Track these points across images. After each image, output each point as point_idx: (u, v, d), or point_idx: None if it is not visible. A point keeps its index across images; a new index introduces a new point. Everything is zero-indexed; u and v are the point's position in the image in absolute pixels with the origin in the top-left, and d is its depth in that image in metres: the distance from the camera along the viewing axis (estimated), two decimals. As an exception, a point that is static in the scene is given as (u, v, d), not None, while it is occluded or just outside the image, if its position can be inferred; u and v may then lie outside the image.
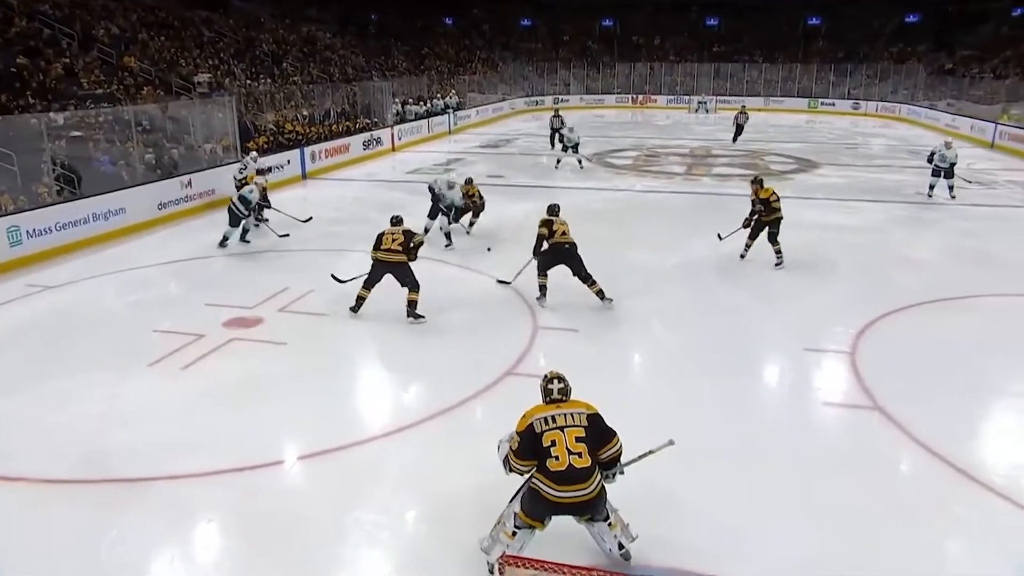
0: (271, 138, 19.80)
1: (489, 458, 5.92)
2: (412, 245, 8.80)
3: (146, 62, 21.34)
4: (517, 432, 4.43)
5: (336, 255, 11.27)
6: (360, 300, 8.95)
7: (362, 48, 35.27)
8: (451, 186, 12.41)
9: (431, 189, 12.43)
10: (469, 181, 13.08)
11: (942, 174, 16.16)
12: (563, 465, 4.25)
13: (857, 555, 4.89)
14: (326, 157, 19.63)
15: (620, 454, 4.50)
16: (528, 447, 4.35)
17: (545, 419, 4.38)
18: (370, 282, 8.87)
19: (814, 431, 6.61)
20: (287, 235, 12.21)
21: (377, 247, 8.77)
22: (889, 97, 38.03)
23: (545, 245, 9.21)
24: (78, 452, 6.06)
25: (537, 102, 39.62)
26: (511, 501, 4.64)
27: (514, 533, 4.47)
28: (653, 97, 41.69)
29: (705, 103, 39.03)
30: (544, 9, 47.23)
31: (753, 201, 11.10)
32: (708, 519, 5.08)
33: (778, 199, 10.97)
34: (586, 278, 9.10)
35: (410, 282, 8.81)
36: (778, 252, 11.01)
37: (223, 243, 12.00)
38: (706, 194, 17.16)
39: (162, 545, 4.99)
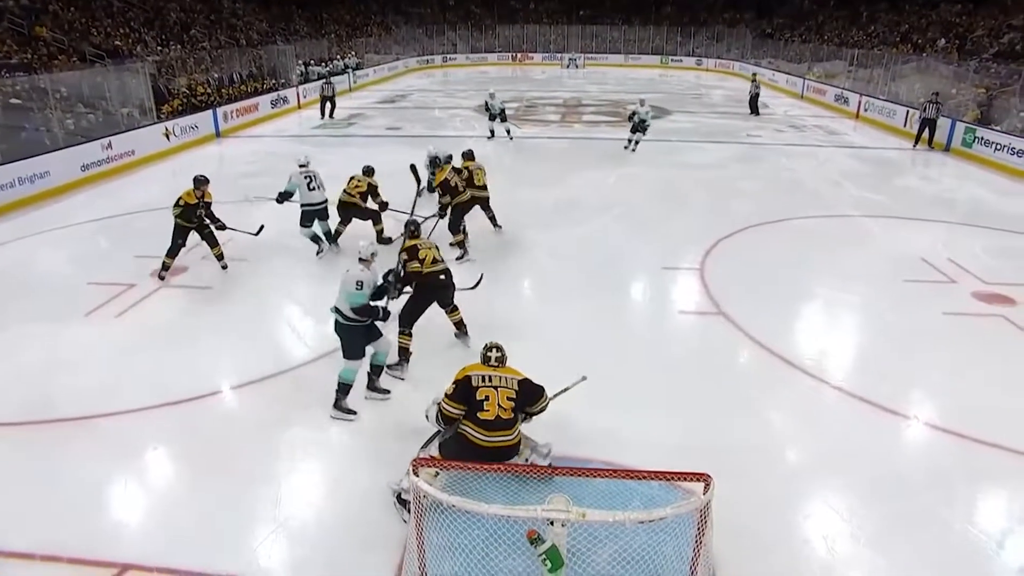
0: (185, 101, 18.50)
1: (404, 380, 5.91)
2: (377, 200, 8.94)
3: (58, 32, 19.38)
4: (454, 380, 4.41)
5: (251, 205, 10.76)
6: (337, 234, 9.08)
7: (265, 15, 33.13)
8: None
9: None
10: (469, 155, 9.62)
11: (639, 130, 15.29)
12: (492, 416, 4.29)
13: (714, 436, 5.23)
14: (237, 116, 18.52)
15: (548, 403, 4.55)
16: (462, 395, 4.34)
17: (482, 376, 4.39)
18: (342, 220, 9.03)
19: (672, 336, 6.92)
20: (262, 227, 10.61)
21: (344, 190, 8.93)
22: (725, 55, 38.88)
23: (468, 195, 8.74)
24: (22, 397, 5.69)
25: (428, 60, 38.46)
26: (424, 447, 4.59)
27: (437, 474, 4.36)
28: (530, 55, 41.10)
29: (575, 59, 38.81)
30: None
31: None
32: (589, 420, 5.20)
33: None
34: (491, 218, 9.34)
35: (372, 218, 9.01)
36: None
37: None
38: (578, 138, 17.30)
39: (113, 474, 4.80)
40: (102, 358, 6.36)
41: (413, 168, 9.33)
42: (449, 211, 8.67)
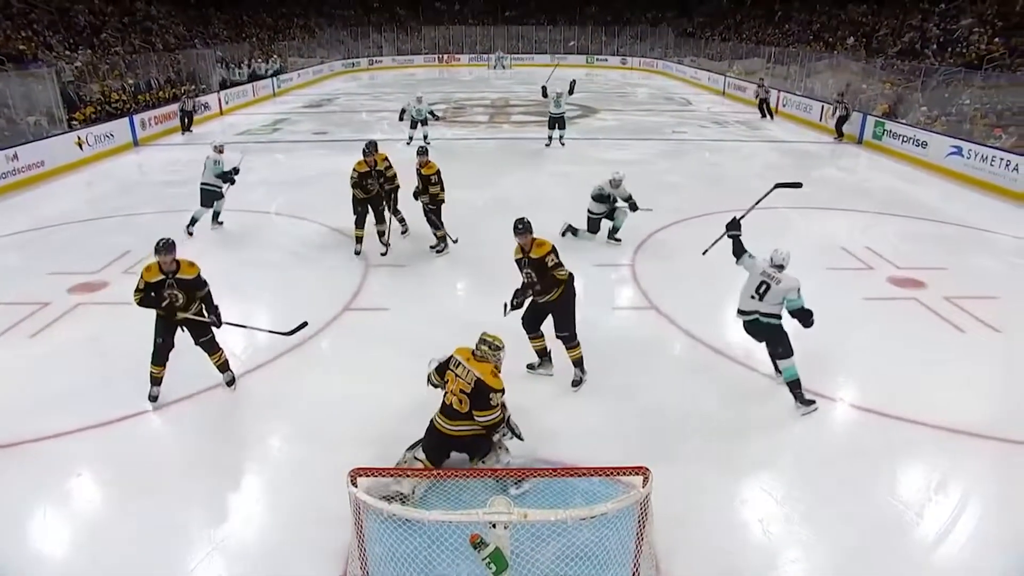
0: (98, 108, 17.67)
1: (339, 385, 5.82)
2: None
3: (-48, 35, 18.23)
4: (449, 355, 4.59)
5: (176, 215, 10.38)
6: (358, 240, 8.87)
7: (182, 17, 31.98)
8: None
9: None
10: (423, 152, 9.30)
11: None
12: (448, 402, 4.45)
13: (651, 427, 5.35)
14: (156, 124, 17.82)
15: (497, 424, 4.49)
16: (442, 369, 4.59)
17: (457, 362, 4.49)
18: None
19: (607, 332, 6.99)
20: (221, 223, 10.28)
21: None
22: (648, 54, 39.74)
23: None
24: (-72, 427, 5.33)
25: (353, 63, 37.88)
26: (411, 448, 4.64)
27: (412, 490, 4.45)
28: (457, 56, 41.04)
29: (502, 59, 38.95)
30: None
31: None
32: (530, 418, 5.17)
33: None
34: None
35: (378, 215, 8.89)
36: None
37: (191, 224, 9.82)
38: (507, 139, 17.34)
39: (35, 502, 4.53)
40: (16, 381, 6.01)
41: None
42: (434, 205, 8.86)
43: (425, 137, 15.74)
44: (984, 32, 20.93)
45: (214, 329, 5.59)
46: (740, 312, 5.81)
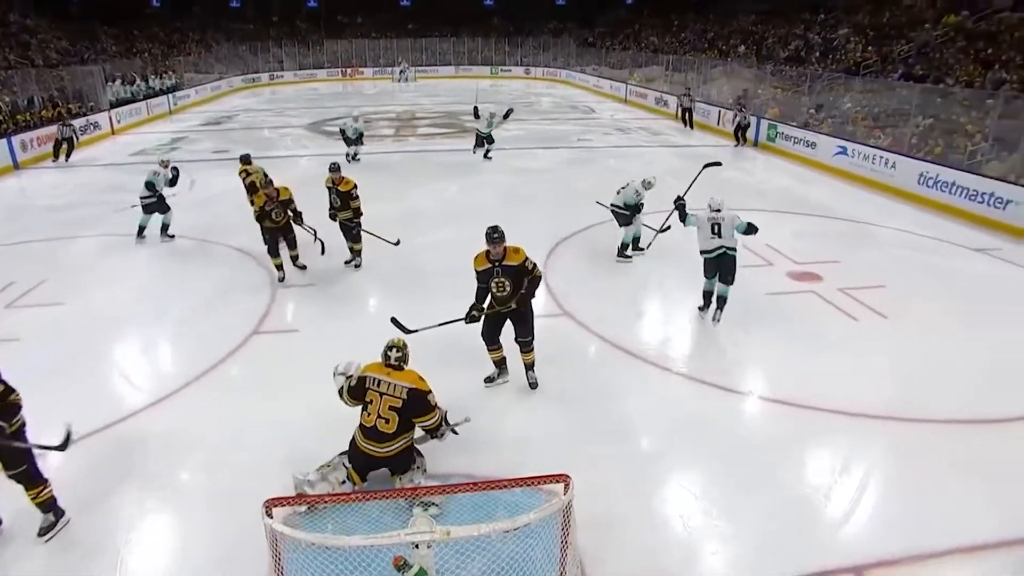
0: (-28, 128, 16.43)
1: (250, 411, 5.60)
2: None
3: None
4: (356, 378, 4.48)
5: (64, 243, 9.78)
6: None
7: (65, 31, 30.18)
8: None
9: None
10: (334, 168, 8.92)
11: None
12: (371, 423, 4.34)
13: (571, 432, 5.41)
14: (39, 145, 16.69)
15: (437, 424, 4.52)
16: (357, 391, 4.45)
17: (375, 379, 4.39)
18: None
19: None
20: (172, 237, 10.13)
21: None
22: (552, 64, 40.46)
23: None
24: None
25: (254, 79, 36.78)
26: (342, 454, 4.57)
27: (343, 482, 4.40)
28: (360, 69, 40.53)
29: (405, 72, 38.72)
30: (251, -9, 43.60)
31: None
32: (474, 422, 5.06)
33: None
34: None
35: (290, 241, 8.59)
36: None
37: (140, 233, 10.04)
38: (415, 151, 17.23)
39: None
40: None
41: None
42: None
43: (355, 155, 15.37)
44: (859, 41, 22.45)
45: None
46: (704, 252, 7.08)
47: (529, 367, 6.00)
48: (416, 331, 5.95)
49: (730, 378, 6.19)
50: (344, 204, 8.52)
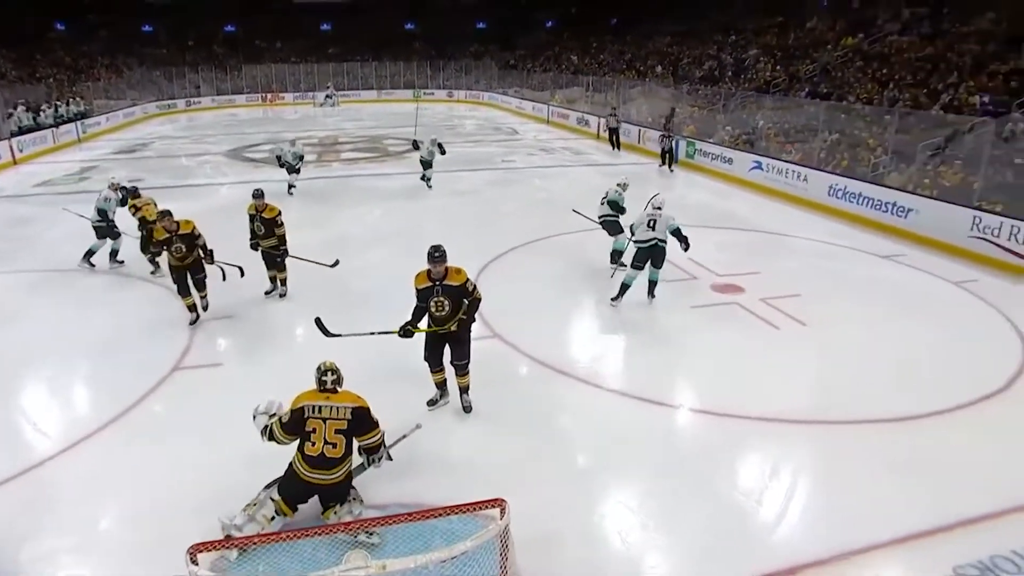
0: None
1: (173, 451, 5.36)
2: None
3: None
4: (291, 408, 4.32)
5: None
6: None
7: (-46, 55, 28.55)
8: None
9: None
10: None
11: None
12: (317, 452, 4.20)
13: (511, 443, 5.48)
14: (-69, 178, 15.67)
15: (380, 442, 4.47)
16: (294, 425, 4.27)
17: (314, 407, 4.27)
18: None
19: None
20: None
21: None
22: (474, 86, 40.78)
23: None
24: None
25: (170, 105, 35.58)
26: (268, 487, 4.41)
27: (273, 518, 4.24)
28: (281, 95, 39.82)
29: (332, 97, 38.25)
30: (164, 15, 42.25)
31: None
32: (403, 448, 4.99)
33: None
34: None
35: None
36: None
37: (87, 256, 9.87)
38: (339, 176, 16.99)
39: None
40: None
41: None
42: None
43: (291, 186, 14.66)
44: (768, 61, 23.58)
45: None
46: (639, 242, 8.04)
47: (464, 390, 5.96)
48: (339, 335, 5.90)
49: (660, 392, 6.30)
50: (268, 232, 8.28)
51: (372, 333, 6.00)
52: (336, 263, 8.68)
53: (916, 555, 4.35)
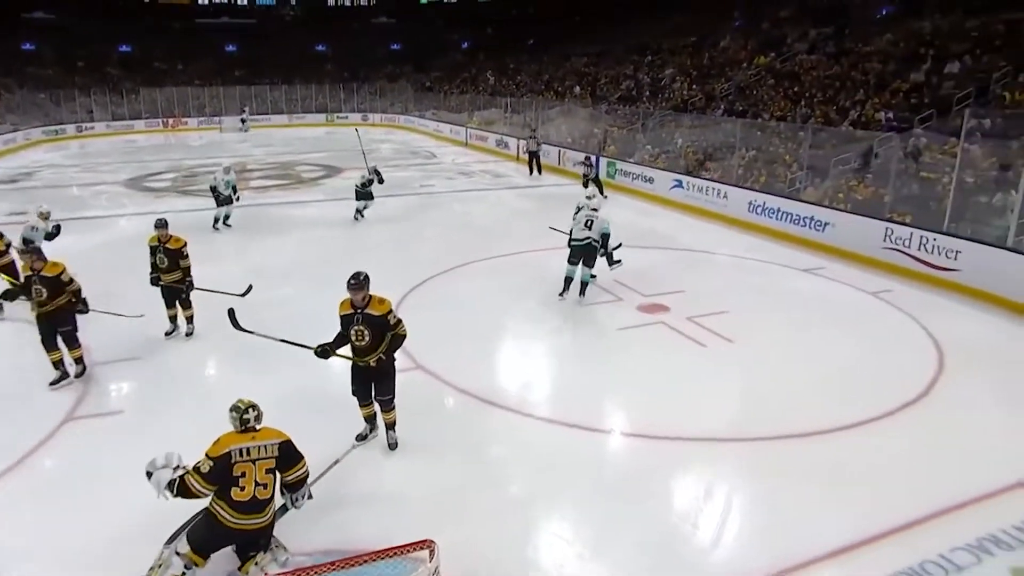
0: None
1: (65, 512, 5.04)
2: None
3: None
4: (210, 456, 4.04)
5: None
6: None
7: None
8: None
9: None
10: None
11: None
12: (247, 496, 4.06)
13: (441, 477, 5.41)
14: None
15: (307, 475, 4.36)
16: (219, 474, 4.02)
17: (242, 450, 4.08)
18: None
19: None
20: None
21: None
22: (389, 109, 40.74)
23: None
24: None
25: (58, 131, 33.84)
26: (169, 542, 4.16)
27: (183, 574, 4.02)
28: (184, 120, 38.63)
29: (246, 121, 37.31)
30: (48, 33, 40.44)
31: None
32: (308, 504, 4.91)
33: None
34: None
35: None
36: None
37: None
38: (249, 206, 16.49)
39: None
40: None
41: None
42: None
43: (226, 218, 13.87)
44: (684, 80, 24.53)
45: None
46: (575, 240, 8.98)
47: (390, 427, 5.85)
48: (251, 332, 5.79)
49: (590, 417, 6.33)
50: (172, 264, 7.92)
51: (285, 341, 5.86)
52: (248, 290, 8.37)
53: (849, 568, 4.48)
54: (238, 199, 14.12)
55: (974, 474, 5.39)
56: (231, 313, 5.97)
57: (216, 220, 13.82)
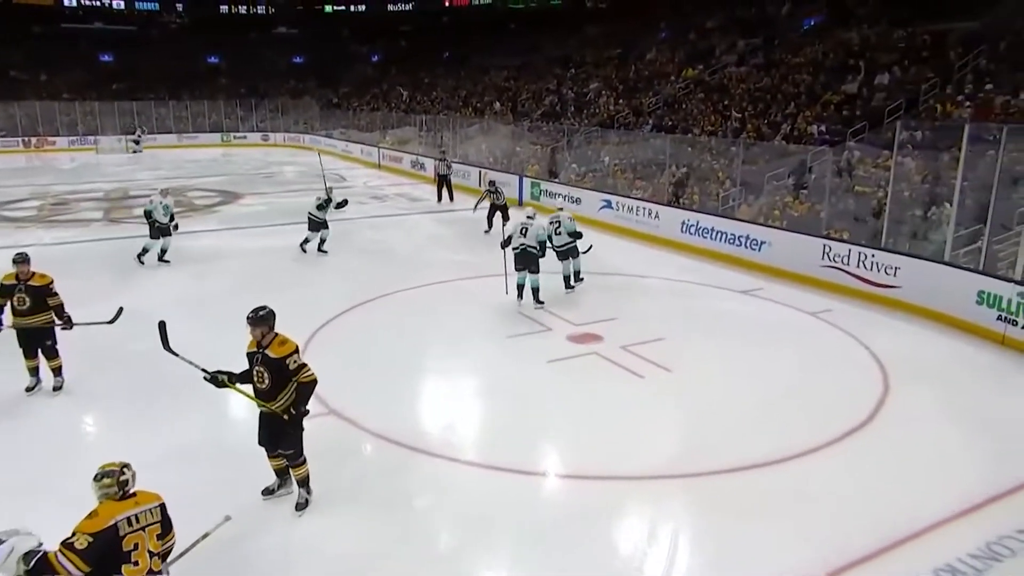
0: None
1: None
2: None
3: None
4: (89, 533, 3.56)
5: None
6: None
7: None
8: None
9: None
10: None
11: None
12: (143, 570, 3.72)
13: (363, 533, 5.32)
14: None
15: (172, 548, 4.06)
16: (102, 550, 3.58)
17: (129, 519, 3.72)
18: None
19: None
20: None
21: None
22: (293, 128, 40.30)
23: None
24: None
25: None
26: None
27: None
28: (51, 139, 36.97)
29: (140, 141, 36.05)
30: None
31: None
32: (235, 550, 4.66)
33: None
34: None
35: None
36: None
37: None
38: (131, 237, 15.87)
39: None
40: None
41: None
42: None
43: (163, 252, 13.16)
44: (610, 95, 25.19)
45: None
46: (514, 246, 10.25)
47: (300, 483, 5.64)
48: (176, 355, 5.54)
49: (522, 459, 6.31)
50: (37, 305, 7.38)
51: (192, 363, 5.56)
52: (118, 314, 7.81)
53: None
54: (176, 227, 13.38)
55: (929, 499, 5.62)
56: (162, 327, 5.61)
57: (144, 252, 13.07)
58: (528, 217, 10.44)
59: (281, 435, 5.46)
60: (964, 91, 15.78)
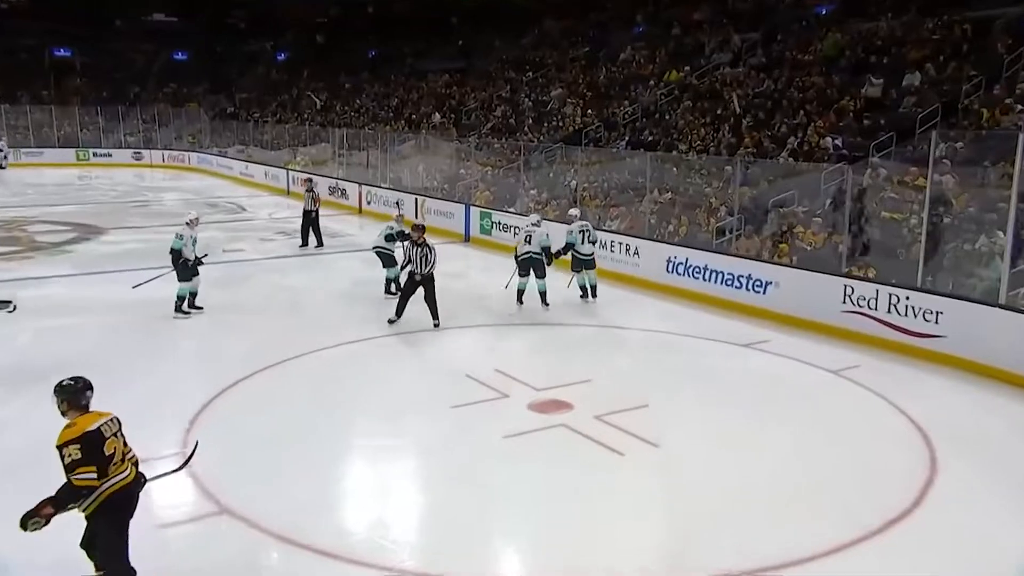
0: None
1: None
2: None
3: None
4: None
5: None
6: None
7: None
8: None
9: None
10: None
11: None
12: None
13: None
14: None
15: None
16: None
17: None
18: None
19: (158, 560, 6.37)
20: None
21: None
22: (174, 144, 39.98)
23: None
24: None
25: None
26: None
27: None
28: None
29: (7, 155, 35.32)
30: None
31: None
32: None
33: None
34: None
35: None
36: None
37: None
38: (18, 279, 15.48)
39: None
40: None
41: None
42: None
43: (193, 296, 13.08)
44: (576, 103, 25.50)
45: None
46: (520, 255, 13.06)
47: None
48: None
49: (469, 565, 6.21)
50: None
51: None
52: (13, 308, 7.94)
53: None
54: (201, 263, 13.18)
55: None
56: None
57: (182, 301, 12.94)
58: (533, 224, 13.11)
59: (90, 538, 5.18)
60: (1015, 91, 15.95)
